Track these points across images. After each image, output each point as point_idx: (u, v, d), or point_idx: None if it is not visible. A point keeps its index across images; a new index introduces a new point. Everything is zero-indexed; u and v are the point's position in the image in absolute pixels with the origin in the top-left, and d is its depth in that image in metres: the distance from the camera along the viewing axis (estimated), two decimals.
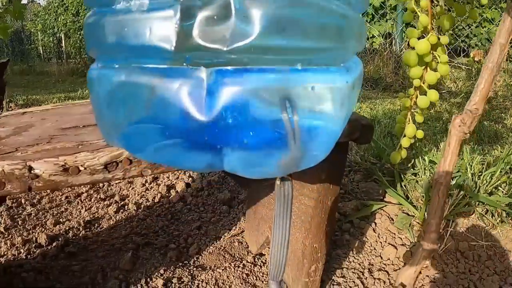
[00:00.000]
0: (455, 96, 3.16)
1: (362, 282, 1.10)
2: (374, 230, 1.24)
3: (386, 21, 3.79)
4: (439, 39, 1.00)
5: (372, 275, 1.13)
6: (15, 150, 0.68)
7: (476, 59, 3.34)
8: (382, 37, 3.58)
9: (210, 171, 0.60)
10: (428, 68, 1.03)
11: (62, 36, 4.83)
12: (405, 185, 1.34)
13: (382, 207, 1.28)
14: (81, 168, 0.62)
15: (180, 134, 0.48)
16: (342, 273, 1.13)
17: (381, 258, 1.19)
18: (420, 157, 1.36)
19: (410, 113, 1.07)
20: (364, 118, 0.83)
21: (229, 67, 0.46)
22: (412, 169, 1.35)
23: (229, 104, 0.45)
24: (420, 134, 1.08)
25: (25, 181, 0.61)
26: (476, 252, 1.23)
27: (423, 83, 1.03)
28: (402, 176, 1.33)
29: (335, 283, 1.09)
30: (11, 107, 2.71)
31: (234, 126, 0.46)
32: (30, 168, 0.61)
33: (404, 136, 1.08)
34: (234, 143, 0.47)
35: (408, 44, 1.00)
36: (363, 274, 1.13)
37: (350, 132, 0.79)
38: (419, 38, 1.01)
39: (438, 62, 1.03)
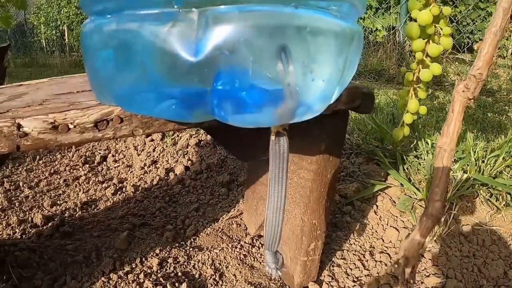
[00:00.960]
0: None
1: (363, 264, 1.07)
2: (375, 213, 1.21)
3: (390, 14, 3.75)
4: (441, 11, 0.97)
5: (373, 258, 1.09)
6: (6, 112, 0.65)
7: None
8: (386, 30, 3.54)
9: (202, 121, 0.57)
10: (430, 41, 0.99)
11: (65, 29, 4.81)
12: (407, 168, 1.30)
13: (384, 188, 1.24)
14: (71, 126, 0.59)
15: (171, 79, 0.45)
16: (342, 255, 1.09)
17: (383, 240, 1.15)
18: (422, 140, 1.32)
19: (412, 89, 1.04)
20: (365, 87, 0.79)
21: (221, 6, 0.43)
22: (414, 151, 1.31)
23: (220, 44, 0.42)
24: (423, 110, 1.05)
25: (14, 139, 0.58)
26: (480, 237, 1.20)
27: (426, 56, 1.00)
28: (405, 158, 1.29)
29: (335, 265, 1.06)
30: None
31: (225, 66, 0.43)
32: (19, 126, 0.58)
33: (407, 112, 1.05)
34: (225, 85, 0.44)
35: (411, 19, 0.96)
36: (364, 256, 1.10)
37: (350, 99, 0.76)
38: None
39: (440, 35, 0.99)
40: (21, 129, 0.58)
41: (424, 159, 1.28)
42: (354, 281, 1.01)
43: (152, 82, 0.47)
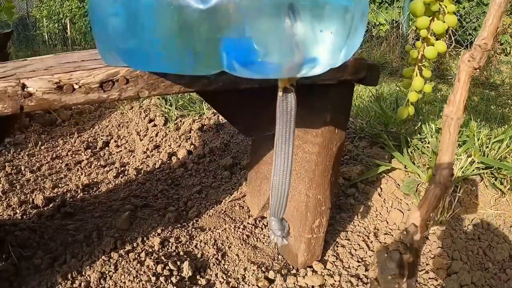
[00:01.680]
0: None
1: (367, 245, 1.05)
2: (379, 195, 1.19)
3: (393, 9, 3.72)
4: None
5: (377, 239, 1.07)
6: (11, 76, 0.64)
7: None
8: (389, 25, 3.51)
9: (211, 73, 0.55)
10: (435, 18, 0.97)
11: (67, 22, 4.78)
12: (411, 152, 1.28)
13: (389, 171, 1.22)
14: (76, 86, 0.58)
15: (181, 29, 0.43)
16: (346, 236, 1.07)
17: (387, 222, 1.13)
18: (427, 123, 1.30)
19: (417, 67, 1.01)
20: (370, 60, 0.77)
21: None
22: (418, 135, 1.29)
23: None
24: (428, 88, 1.03)
25: (17, 99, 0.57)
26: (485, 220, 1.18)
27: (431, 34, 0.98)
28: (409, 141, 1.27)
29: (339, 245, 1.04)
30: None
31: (234, 13, 0.41)
32: (24, 86, 0.57)
33: (412, 90, 1.02)
34: (234, 33, 0.42)
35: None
36: (368, 238, 1.08)
37: (356, 70, 0.74)
38: None
39: (445, 13, 0.97)
40: (25, 89, 0.57)
41: (428, 142, 1.26)
42: (358, 261, 0.99)
43: (162, 33, 0.45)
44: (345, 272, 0.96)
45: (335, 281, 0.93)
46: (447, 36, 3.28)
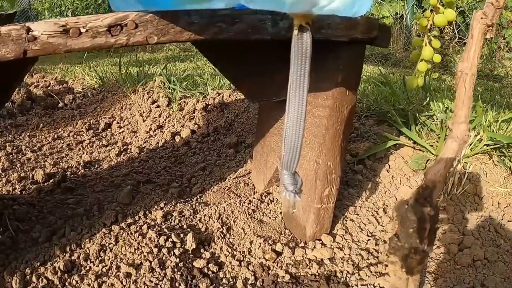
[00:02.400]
0: None
1: (377, 220, 1.00)
2: (387, 171, 1.14)
3: (397, 2, 3.66)
4: None
5: (387, 214, 1.02)
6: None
7: (487, 36, 3.21)
8: (393, 17, 3.45)
9: (219, 6, 0.50)
10: None
11: (69, 15, 4.71)
12: (419, 129, 1.23)
13: (397, 146, 1.17)
14: (83, 30, 0.54)
15: None
16: (355, 211, 1.02)
17: (396, 199, 1.08)
18: (434, 101, 1.25)
19: (426, 37, 0.97)
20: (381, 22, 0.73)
21: None
22: (426, 112, 1.24)
23: None
24: (437, 58, 0.99)
25: (21, 43, 0.53)
26: (496, 199, 1.13)
27: (440, 3, 0.94)
28: (417, 117, 1.22)
29: (348, 219, 0.99)
30: None
31: None
32: (28, 30, 0.53)
33: (421, 60, 0.98)
34: None
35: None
36: (377, 213, 1.03)
37: (367, 29, 0.70)
38: None
39: None
40: (30, 33, 0.53)
41: (436, 119, 1.21)
42: (368, 236, 0.94)
43: None
44: (355, 246, 0.91)
45: (345, 254, 0.88)
46: (450, 28, 3.23)
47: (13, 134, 1.68)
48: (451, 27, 3.13)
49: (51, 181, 1.20)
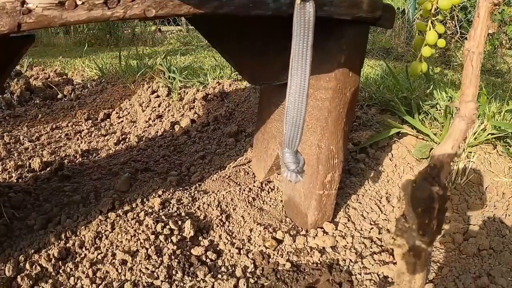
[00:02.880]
0: None
1: (380, 209, 0.97)
2: (390, 160, 1.10)
3: None
4: None
5: (390, 203, 0.99)
6: None
7: (490, 31, 3.17)
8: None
9: None
10: None
11: None
12: (422, 119, 1.19)
13: (400, 135, 1.14)
14: (79, 2, 0.51)
15: None
16: (358, 199, 0.99)
17: (399, 188, 1.05)
18: (438, 89, 1.22)
19: (430, 21, 0.94)
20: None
21: None
22: (430, 101, 1.21)
23: None
24: (441, 43, 0.95)
25: (15, 16, 0.51)
26: (500, 189, 1.09)
27: None
28: (421, 105, 1.18)
29: (350, 207, 0.96)
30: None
31: None
32: (23, 2, 0.51)
33: (425, 45, 0.94)
34: None
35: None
36: (380, 202, 0.99)
37: (371, 8, 0.66)
38: None
39: None
40: (25, 5, 0.51)
41: (440, 107, 1.17)
42: (371, 224, 0.91)
43: None
44: (358, 234, 0.87)
45: (347, 242, 0.85)
46: (452, 22, 3.19)
47: (11, 124, 1.64)
48: (453, 22, 3.08)
49: (48, 169, 1.16)
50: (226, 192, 0.99)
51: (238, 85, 1.53)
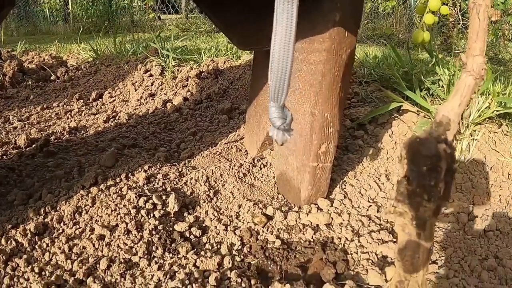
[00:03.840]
0: None
1: (378, 186, 0.89)
2: (390, 137, 1.03)
3: None
4: None
5: (390, 181, 0.92)
6: None
7: (493, 19, 3.07)
8: (396, 0, 3.32)
9: None
10: None
11: None
12: (424, 96, 1.12)
13: (400, 110, 1.06)
14: None
15: None
16: (355, 176, 0.92)
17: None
18: (440, 65, 1.14)
19: None
20: None
21: None
22: (431, 77, 1.13)
23: None
24: (444, 10, 0.88)
25: None
26: (506, 169, 1.02)
27: None
28: (422, 81, 1.10)
29: (347, 184, 0.88)
30: (8, 51, 2.50)
31: None
32: None
33: (428, 12, 0.87)
34: None
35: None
36: (379, 179, 0.92)
37: None
38: None
39: None
40: None
41: (442, 83, 1.10)
42: (369, 201, 0.84)
43: None
44: (355, 212, 0.80)
45: (343, 220, 0.78)
46: (454, 9, 3.09)
47: (2, 105, 1.58)
48: (455, 9, 2.99)
49: (33, 146, 1.10)
50: (216, 168, 0.92)
51: (233, 63, 1.46)
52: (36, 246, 0.73)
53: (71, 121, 1.32)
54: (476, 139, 1.04)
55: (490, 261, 0.72)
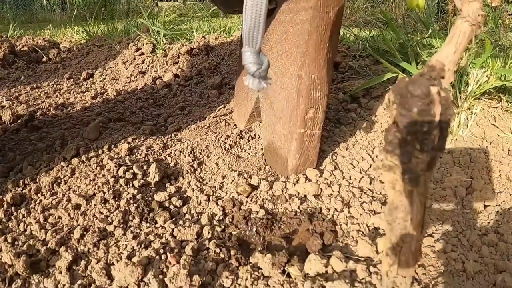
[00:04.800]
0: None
1: (372, 159, 0.84)
2: (385, 110, 0.98)
3: None
4: None
5: None
6: None
7: (493, 5, 2.99)
8: None
9: None
10: None
11: None
12: (420, 69, 1.06)
13: (396, 79, 1.00)
14: None
15: None
16: (347, 147, 0.87)
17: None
18: (437, 37, 1.08)
19: None
20: None
21: None
22: (428, 50, 1.07)
23: None
24: None
25: None
26: (506, 145, 0.97)
27: None
28: (419, 53, 1.05)
29: (338, 155, 0.83)
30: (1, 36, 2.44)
31: None
32: None
33: None
34: None
35: None
36: (372, 152, 0.87)
37: None
38: None
39: None
40: None
41: None
42: (361, 173, 0.79)
43: None
44: (346, 183, 0.75)
45: (333, 191, 0.73)
46: None
47: None
48: None
49: (18, 121, 1.05)
50: (201, 139, 0.87)
51: (225, 39, 1.40)
52: (12, 217, 0.69)
53: (60, 98, 1.27)
54: (474, 113, 0.99)
55: (490, 236, 0.67)
